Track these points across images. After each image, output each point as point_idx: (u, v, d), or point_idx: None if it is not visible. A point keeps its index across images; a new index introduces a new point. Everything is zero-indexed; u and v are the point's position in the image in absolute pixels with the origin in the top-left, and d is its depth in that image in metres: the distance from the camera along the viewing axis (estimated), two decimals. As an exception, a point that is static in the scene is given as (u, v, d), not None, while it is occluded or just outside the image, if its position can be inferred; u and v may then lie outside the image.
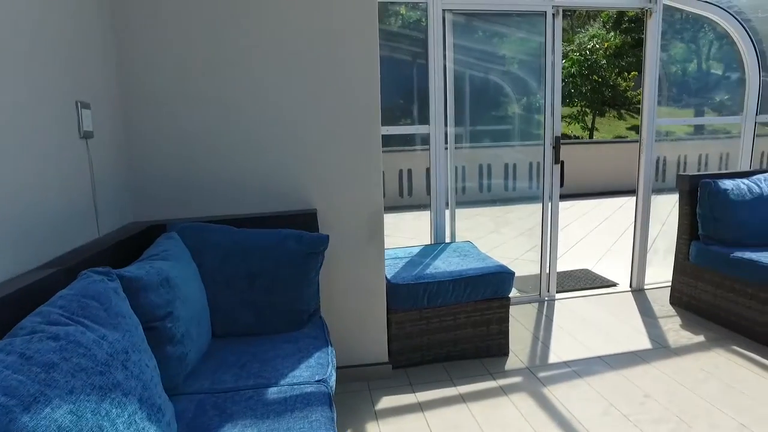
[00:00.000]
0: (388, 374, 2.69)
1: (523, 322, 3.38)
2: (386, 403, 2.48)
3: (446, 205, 3.44)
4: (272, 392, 1.65)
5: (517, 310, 3.56)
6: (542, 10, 3.38)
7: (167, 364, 1.57)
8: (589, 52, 15.54)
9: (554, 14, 3.39)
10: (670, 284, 3.66)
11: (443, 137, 3.32)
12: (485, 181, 5.19)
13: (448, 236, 3.50)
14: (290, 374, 1.79)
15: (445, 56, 3.29)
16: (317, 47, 2.41)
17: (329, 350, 1.99)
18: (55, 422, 0.86)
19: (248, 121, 2.41)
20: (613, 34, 16.21)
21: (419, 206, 3.47)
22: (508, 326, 2.84)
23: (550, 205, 3.64)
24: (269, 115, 2.42)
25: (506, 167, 5.19)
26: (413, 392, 2.55)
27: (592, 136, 16.40)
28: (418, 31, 3.25)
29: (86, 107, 1.91)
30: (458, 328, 2.75)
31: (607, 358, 2.85)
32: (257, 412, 1.53)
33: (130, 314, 1.30)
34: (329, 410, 1.56)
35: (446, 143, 3.37)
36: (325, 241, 2.20)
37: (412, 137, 3.68)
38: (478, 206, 5.43)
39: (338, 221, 2.53)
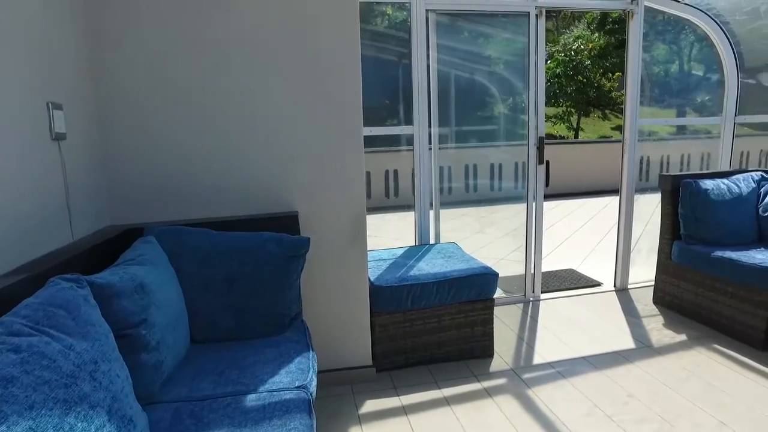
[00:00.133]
0: (372, 377, 2.66)
1: (508, 323, 3.37)
2: (370, 406, 2.45)
3: (431, 205, 3.43)
4: (251, 399, 1.62)
5: (502, 310, 3.56)
6: (525, 10, 3.38)
7: (142, 372, 1.53)
8: (573, 52, 15.70)
9: (537, 15, 3.39)
10: (653, 283, 3.69)
11: (427, 138, 3.31)
12: (471, 181, 5.19)
13: (432, 237, 3.49)
14: (270, 380, 1.75)
15: (428, 56, 3.27)
16: (297, 47, 2.37)
17: (310, 355, 1.96)
18: (13, 439, 0.82)
19: (227, 121, 2.37)
20: (597, 35, 16.39)
21: (405, 207, 3.46)
22: (492, 328, 2.83)
23: (534, 205, 3.65)
24: (248, 115, 2.38)
25: (492, 167, 5.20)
26: (397, 395, 2.52)
27: (577, 136, 16.56)
28: (404, 31, 3.23)
29: (58, 108, 1.86)
30: (442, 330, 2.73)
31: (591, 358, 2.86)
32: (235, 420, 1.49)
33: (100, 322, 1.26)
34: (308, 417, 1.53)
35: (430, 144, 3.36)
36: (306, 243, 2.17)
37: (397, 137, 3.66)
38: (464, 206, 5.44)
39: (320, 223, 2.50)
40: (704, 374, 2.63)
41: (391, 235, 6.05)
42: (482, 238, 5.17)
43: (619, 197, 3.91)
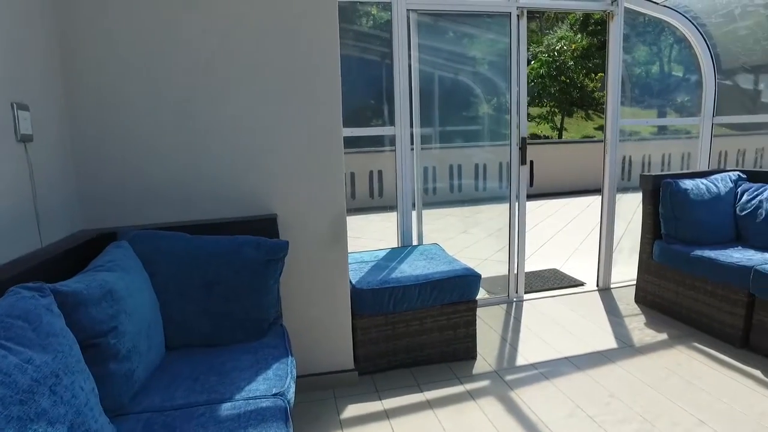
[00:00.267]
0: (354, 381, 2.63)
1: (491, 324, 3.37)
2: (352, 411, 2.42)
3: (413, 206, 3.41)
4: (226, 408, 1.58)
5: (485, 311, 3.56)
6: (507, 11, 3.37)
7: (112, 382, 1.48)
8: (557, 53, 15.83)
9: (519, 15, 3.39)
10: (635, 283, 3.71)
11: (409, 138, 3.28)
12: (456, 181, 5.19)
13: (415, 238, 3.47)
14: (246, 388, 1.71)
15: (410, 56, 3.25)
16: (275, 46, 2.33)
17: (289, 360, 1.92)
18: (-39, 461, 0.77)
19: (203, 122, 2.32)
20: (580, 36, 16.55)
21: (390, 207, 3.43)
22: (475, 329, 2.82)
23: (517, 205, 3.65)
24: (225, 116, 2.33)
25: (476, 167, 5.21)
26: (380, 399, 2.50)
27: (561, 136, 16.70)
28: (389, 32, 3.21)
29: (24, 109, 1.79)
30: (425, 332, 2.71)
31: (573, 358, 2.86)
32: (208, 430, 1.45)
33: (64, 333, 1.21)
34: (285, 426, 1.49)
35: (412, 144, 3.33)
36: (284, 247, 2.13)
37: (381, 138, 3.63)
38: (448, 206, 5.44)
39: (300, 226, 2.46)
40: (684, 373, 2.65)
41: (375, 236, 6.02)
42: (467, 238, 5.17)
43: (601, 197, 3.93)
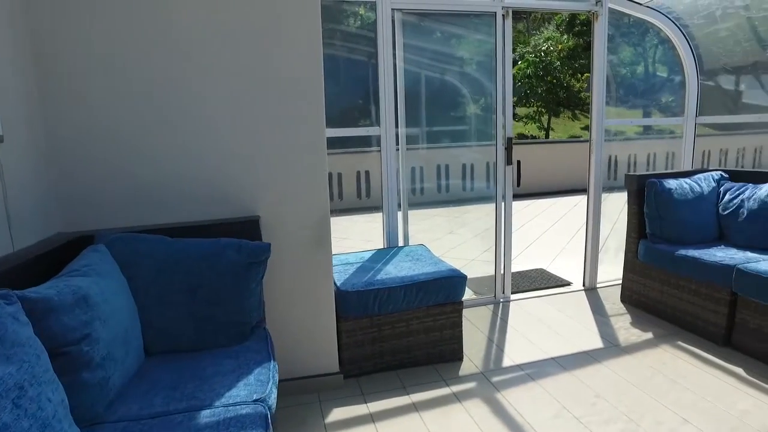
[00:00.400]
0: (339, 384, 2.60)
1: (478, 325, 3.36)
2: (337, 415, 2.39)
3: (399, 207, 3.38)
4: (205, 416, 1.54)
5: (472, 312, 3.55)
6: (492, 10, 3.37)
7: (85, 391, 1.44)
8: (543, 54, 15.92)
9: (504, 15, 3.38)
10: (621, 282, 3.73)
11: (394, 138, 3.26)
12: (443, 181, 5.17)
13: (401, 239, 3.44)
14: (227, 394, 1.67)
15: (395, 56, 3.23)
16: (257, 45, 2.29)
17: (271, 365, 1.89)
18: None
19: (184, 122, 2.27)
20: (566, 36, 16.67)
21: (377, 208, 3.40)
22: (461, 331, 2.81)
23: (503, 205, 3.64)
24: (207, 116, 2.29)
25: (464, 167, 5.20)
26: (365, 402, 2.47)
27: (548, 135, 16.82)
28: (375, 31, 3.18)
29: (-6, 109, 1.74)
30: (411, 334, 2.69)
31: (560, 359, 2.86)
32: (186, 439, 1.42)
33: (31, 341, 1.16)
34: (265, 433, 1.46)
35: (398, 144, 3.31)
36: (266, 249, 2.10)
37: (369, 138, 3.60)
38: (436, 207, 5.42)
39: (283, 227, 2.42)
40: (668, 372, 2.66)
41: (362, 236, 5.99)
42: (454, 239, 5.16)
43: (587, 197, 3.94)
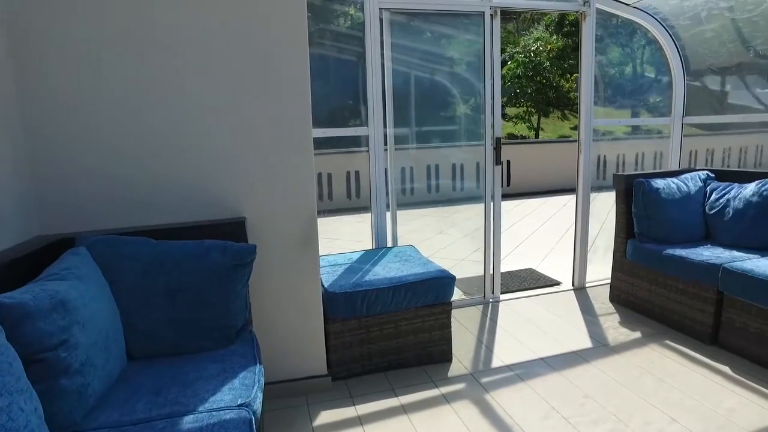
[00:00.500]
0: (327, 387, 2.58)
1: (467, 325, 3.35)
2: (325, 418, 2.37)
3: (387, 207, 3.36)
4: (188, 421, 1.51)
5: (461, 313, 3.54)
6: (480, 10, 3.36)
7: (63, 399, 1.40)
8: (533, 54, 15.99)
9: (492, 15, 3.38)
10: (609, 282, 3.74)
11: (383, 138, 3.24)
12: (433, 181, 5.16)
13: (390, 240, 3.42)
14: (211, 399, 1.64)
15: (383, 56, 3.21)
16: (241, 43, 2.26)
17: (257, 369, 1.86)
18: None
19: (168, 122, 2.23)
20: (555, 37, 16.76)
21: (367, 208, 3.38)
22: (450, 332, 2.79)
23: (492, 205, 3.64)
24: (191, 116, 2.25)
25: (454, 167, 5.19)
26: (353, 405, 2.45)
27: (537, 135, 16.90)
28: (364, 31, 3.16)
29: (-31, 109, 1.69)
30: (399, 336, 2.67)
31: (549, 359, 2.85)
32: (167, 446, 1.39)
33: (3, 349, 1.13)
34: (249, 439, 1.43)
35: (386, 145, 3.29)
36: (252, 251, 2.07)
37: (359, 138, 3.58)
38: (426, 207, 5.41)
39: (269, 229, 2.39)
40: (657, 371, 2.67)
41: (352, 237, 5.96)
42: (443, 239, 5.15)
43: (575, 197, 3.95)
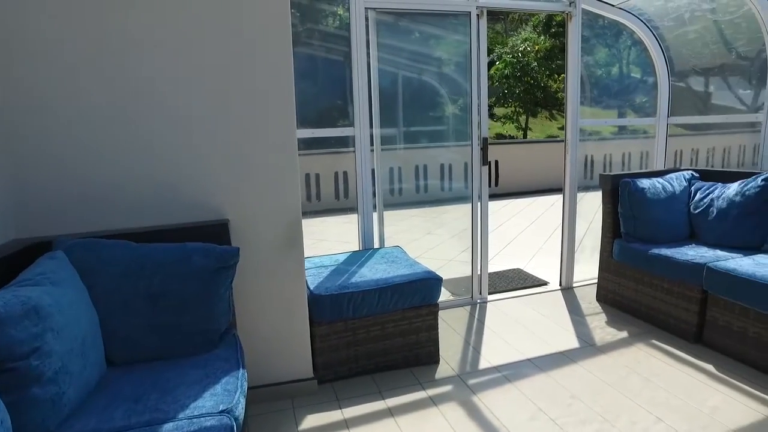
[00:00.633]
0: (313, 390, 2.55)
1: (454, 326, 3.34)
2: (311, 421, 2.34)
3: (374, 208, 3.34)
4: (167, 429, 1.47)
5: (449, 314, 3.52)
6: (466, 10, 3.35)
7: (35, 408, 1.36)
8: (521, 54, 16.06)
9: (478, 15, 3.37)
10: (596, 281, 3.75)
11: (369, 139, 3.22)
12: (421, 182, 5.15)
13: (377, 241, 3.40)
14: (191, 405, 1.61)
15: (369, 55, 3.19)
16: (222, 41, 2.22)
17: (240, 373, 1.82)
18: None
19: (149, 122, 2.18)
20: (543, 37, 16.85)
21: (356, 209, 3.35)
22: (437, 333, 2.78)
23: (479, 205, 3.63)
24: (173, 116, 2.21)
25: (442, 168, 5.19)
26: (340, 408, 2.42)
27: (526, 135, 16.99)
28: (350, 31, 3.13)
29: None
30: (386, 338, 2.65)
31: (536, 360, 2.85)
32: (145, 455, 1.35)
33: (-29, 358, 1.09)
34: (229, 447, 1.40)
35: (372, 145, 3.27)
36: (235, 254, 2.03)
37: (346, 139, 3.55)
38: (414, 207, 5.40)
39: (254, 231, 2.36)
40: (643, 370, 2.67)
41: (340, 237, 5.93)
42: (432, 239, 5.14)
43: (563, 196, 3.96)
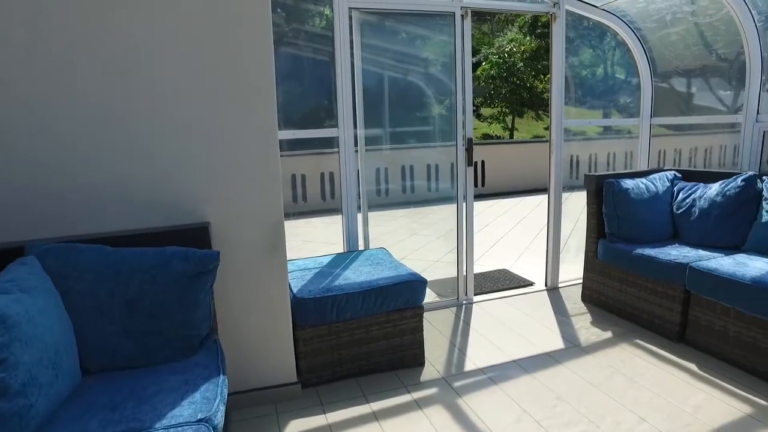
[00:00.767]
0: (297, 395, 2.51)
1: (440, 328, 3.32)
2: (295, 427, 2.30)
3: (359, 209, 3.31)
4: (143, 440, 1.43)
5: (434, 315, 3.51)
6: (451, 11, 3.34)
7: (1, 423, 1.31)
8: (507, 55, 16.14)
9: (463, 15, 3.36)
10: (581, 281, 3.76)
11: (353, 139, 3.19)
12: (408, 182, 5.13)
13: (361, 243, 3.37)
14: (169, 414, 1.57)
15: (353, 56, 3.16)
16: (204, 41, 2.17)
17: (220, 380, 1.79)
18: None
19: (127, 121, 2.12)
20: (529, 38, 16.94)
21: (335, 210, 3.33)
22: (422, 336, 2.76)
23: (464, 206, 3.62)
24: (152, 114, 2.15)
25: (428, 168, 5.17)
26: (324, 413, 2.39)
27: (512, 135, 17.08)
28: (333, 31, 3.09)
29: None
30: (371, 341, 2.62)
31: (521, 361, 2.84)
32: (118, 468, 1.31)
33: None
34: (206, 458, 1.36)
35: (356, 146, 3.24)
36: (215, 258, 1.99)
37: (331, 139, 3.52)
38: (401, 207, 5.38)
39: (235, 234, 2.32)
40: (627, 370, 2.68)
41: (325, 239, 5.88)
42: (418, 240, 5.12)
43: (548, 197, 3.96)
